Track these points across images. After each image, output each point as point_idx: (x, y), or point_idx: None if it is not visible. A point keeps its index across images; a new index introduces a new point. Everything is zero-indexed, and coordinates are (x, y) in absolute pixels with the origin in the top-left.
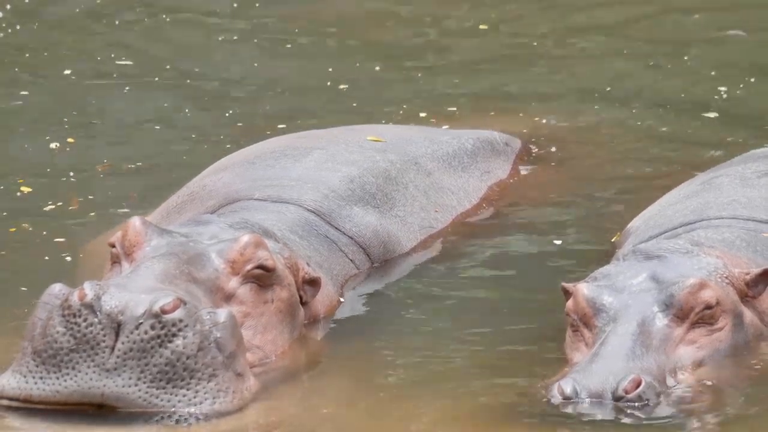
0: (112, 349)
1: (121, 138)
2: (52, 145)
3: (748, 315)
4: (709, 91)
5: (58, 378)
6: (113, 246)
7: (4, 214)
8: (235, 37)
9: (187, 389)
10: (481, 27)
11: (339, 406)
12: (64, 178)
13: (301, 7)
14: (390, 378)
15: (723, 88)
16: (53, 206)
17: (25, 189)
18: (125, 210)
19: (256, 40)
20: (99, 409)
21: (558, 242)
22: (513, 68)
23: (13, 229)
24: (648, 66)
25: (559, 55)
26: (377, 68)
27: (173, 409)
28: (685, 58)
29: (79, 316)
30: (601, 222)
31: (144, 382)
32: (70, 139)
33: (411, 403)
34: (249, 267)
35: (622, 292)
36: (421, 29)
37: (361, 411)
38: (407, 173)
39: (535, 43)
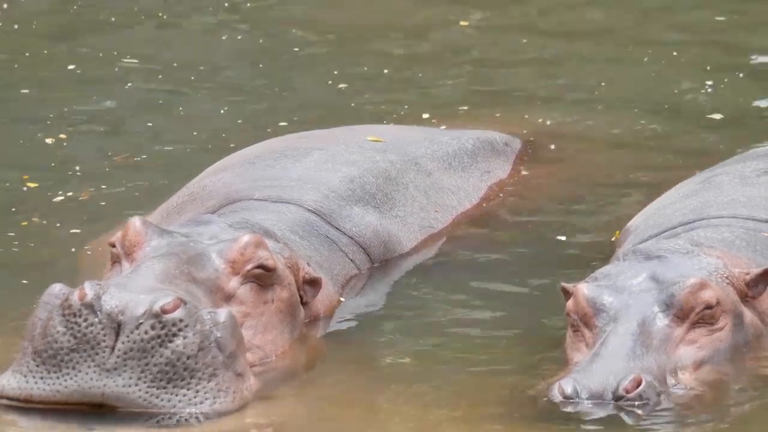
0: (113, 348)
1: (120, 132)
2: (48, 140)
3: (748, 315)
4: (711, 91)
5: (58, 378)
6: (113, 246)
7: (13, 209)
8: (239, 36)
9: (188, 389)
10: (462, 23)
11: (339, 406)
12: (70, 172)
13: (305, 6)
14: (390, 378)
15: (710, 84)
16: (62, 197)
17: (31, 184)
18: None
19: (261, 41)
20: (99, 409)
21: (558, 242)
22: (513, 68)
23: (25, 223)
24: (647, 66)
25: (559, 55)
26: (376, 68)
27: (173, 409)
28: (682, 60)
29: (80, 316)
30: (600, 221)
31: (144, 382)
32: (62, 135)
33: (411, 403)
34: (249, 267)
35: (623, 292)
36: (420, 29)
37: (361, 411)
38: (407, 173)
39: (535, 44)
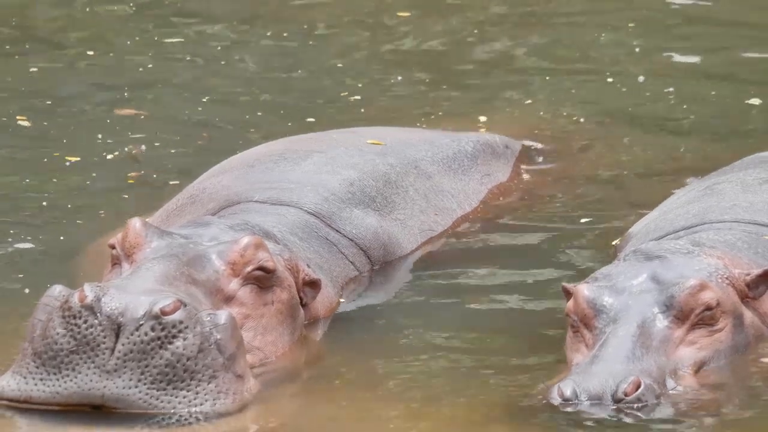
0: (113, 350)
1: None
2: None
3: (749, 316)
4: (714, 95)
5: (58, 379)
6: (113, 247)
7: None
8: (253, 37)
9: (188, 390)
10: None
11: (339, 408)
12: (100, 141)
13: (317, 9)
14: (389, 379)
15: (714, 92)
16: (114, 156)
17: (71, 158)
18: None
19: (300, 34)
20: (99, 410)
21: (558, 243)
22: (513, 70)
23: (132, 181)
24: (650, 68)
25: (561, 56)
26: (383, 76)
27: (173, 411)
28: (685, 63)
29: (80, 318)
30: (601, 224)
31: (144, 384)
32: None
33: (410, 405)
34: (249, 268)
35: (623, 292)
36: (420, 32)
37: (361, 412)
38: (407, 176)
39: (536, 44)
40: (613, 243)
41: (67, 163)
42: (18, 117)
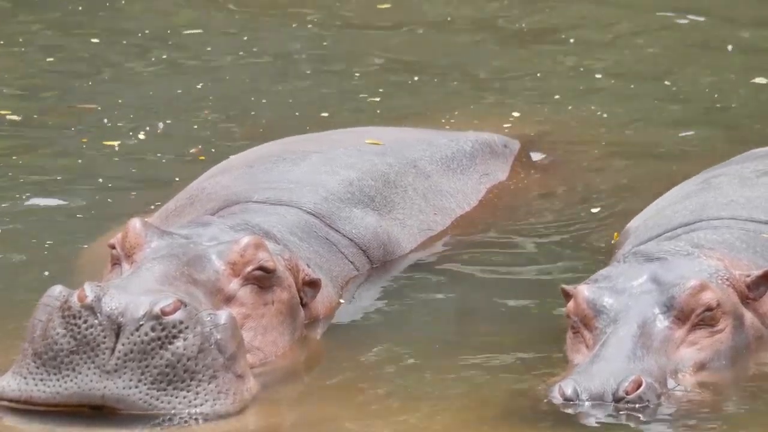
0: (113, 350)
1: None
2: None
3: (749, 317)
4: (712, 92)
5: (58, 380)
6: (113, 247)
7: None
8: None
9: (188, 391)
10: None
11: (339, 408)
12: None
13: (326, 9)
14: (390, 379)
15: (709, 83)
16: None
17: (112, 142)
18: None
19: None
20: (99, 410)
21: (557, 243)
22: (511, 70)
23: (203, 158)
24: (648, 67)
25: (559, 56)
26: (390, 77)
27: (173, 411)
28: (681, 60)
29: (80, 318)
30: (600, 223)
31: (144, 384)
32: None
33: (410, 405)
34: (249, 269)
35: (623, 293)
36: (416, 33)
37: (361, 412)
38: (406, 176)
39: (535, 44)
40: (612, 241)
41: (116, 147)
42: (3, 111)
